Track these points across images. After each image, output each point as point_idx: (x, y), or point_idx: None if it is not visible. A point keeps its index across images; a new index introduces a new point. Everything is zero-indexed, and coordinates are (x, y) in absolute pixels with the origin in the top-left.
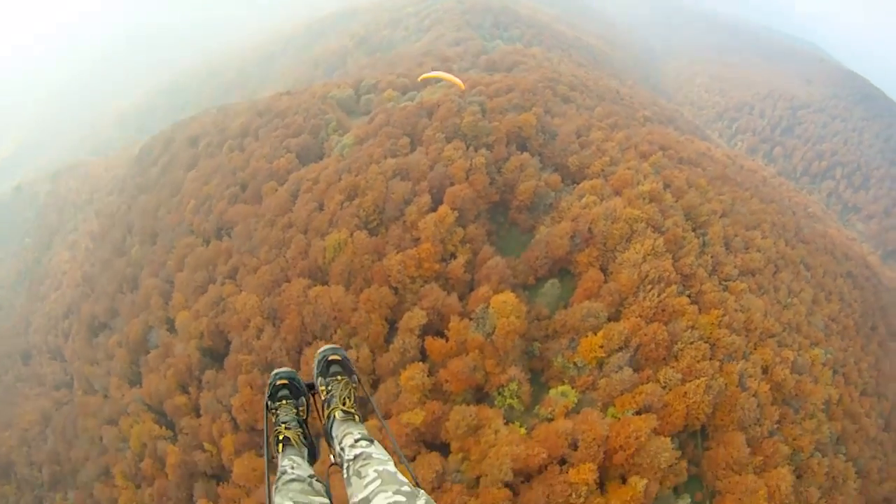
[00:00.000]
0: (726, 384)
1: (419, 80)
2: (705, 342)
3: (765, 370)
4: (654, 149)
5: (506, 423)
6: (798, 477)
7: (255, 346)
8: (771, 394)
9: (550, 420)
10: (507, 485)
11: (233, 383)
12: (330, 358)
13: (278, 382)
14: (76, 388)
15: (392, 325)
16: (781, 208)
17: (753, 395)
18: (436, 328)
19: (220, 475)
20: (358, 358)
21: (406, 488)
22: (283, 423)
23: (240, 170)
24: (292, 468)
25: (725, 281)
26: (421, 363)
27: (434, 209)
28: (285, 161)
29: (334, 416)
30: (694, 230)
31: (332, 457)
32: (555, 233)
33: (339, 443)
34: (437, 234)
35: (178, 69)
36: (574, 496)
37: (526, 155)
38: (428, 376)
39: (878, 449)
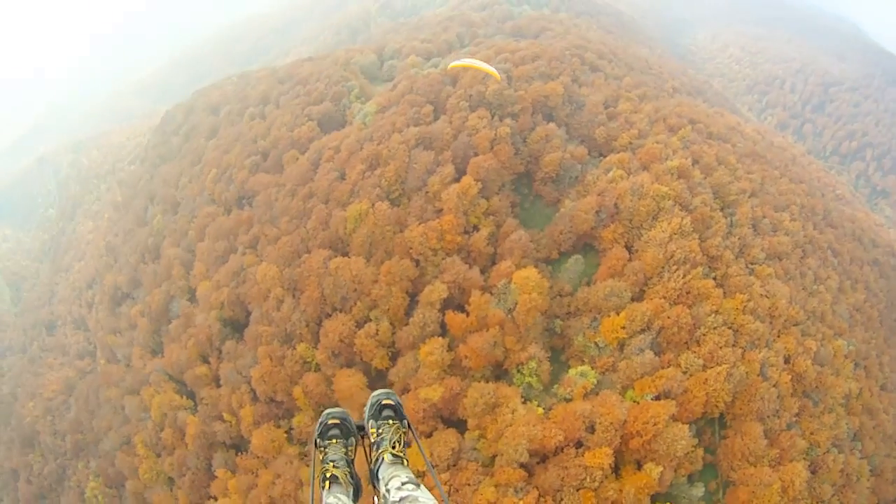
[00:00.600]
0: (747, 372)
1: (449, 68)
2: (729, 328)
3: (787, 360)
4: (683, 122)
5: (524, 402)
6: (812, 472)
7: (274, 317)
8: (792, 385)
9: (568, 401)
10: (522, 465)
11: (252, 354)
12: (383, 402)
13: (330, 421)
14: (99, 357)
15: (413, 299)
16: (811, 189)
17: (774, 386)
18: (456, 302)
19: (238, 445)
20: (378, 331)
21: None
22: (331, 461)
23: (261, 138)
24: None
25: (752, 264)
26: (441, 338)
27: (457, 180)
28: (307, 129)
29: (383, 458)
30: (722, 209)
31: (375, 498)
32: (580, 207)
33: (386, 484)
34: (459, 205)
35: (198, 37)
36: (588, 480)
37: (552, 125)
38: (447, 351)
39: (894, 447)
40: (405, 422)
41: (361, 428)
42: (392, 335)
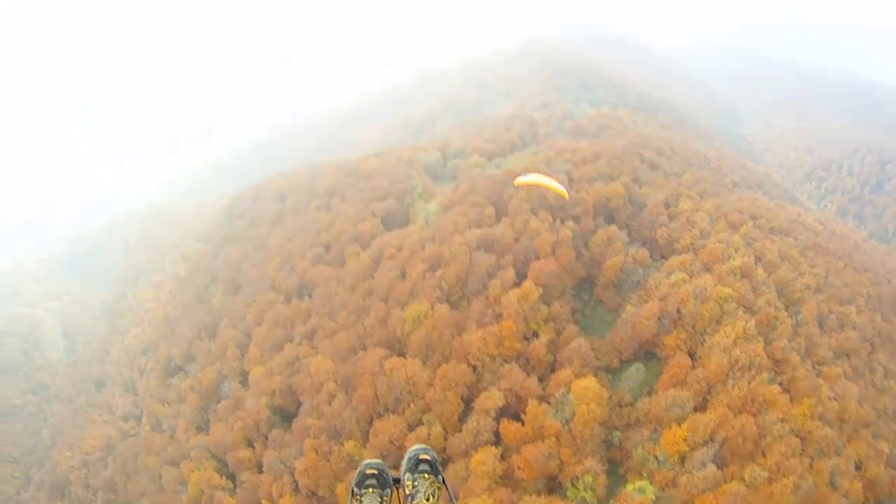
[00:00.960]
0: (816, 483)
1: (515, 184)
2: (796, 436)
3: (858, 466)
4: (744, 218)
5: None
6: None
7: (325, 411)
8: (864, 493)
9: None
10: None
11: (299, 445)
12: (420, 457)
13: (368, 471)
14: (144, 423)
15: (468, 405)
16: (876, 277)
17: (844, 496)
18: (512, 410)
19: None
20: (430, 435)
21: None
22: None
23: (324, 230)
24: None
25: (819, 365)
26: (494, 447)
27: (518, 284)
28: (370, 225)
29: None
30: (787, 308)
31: None
32: (642, 313)
33: None
34: (520, 311)
35: (274, 124)
36: None
37: (613, 227)
38: (500, 461)
39: None
40: (440, 477)
41: (397, 480)
42: (444, 440)
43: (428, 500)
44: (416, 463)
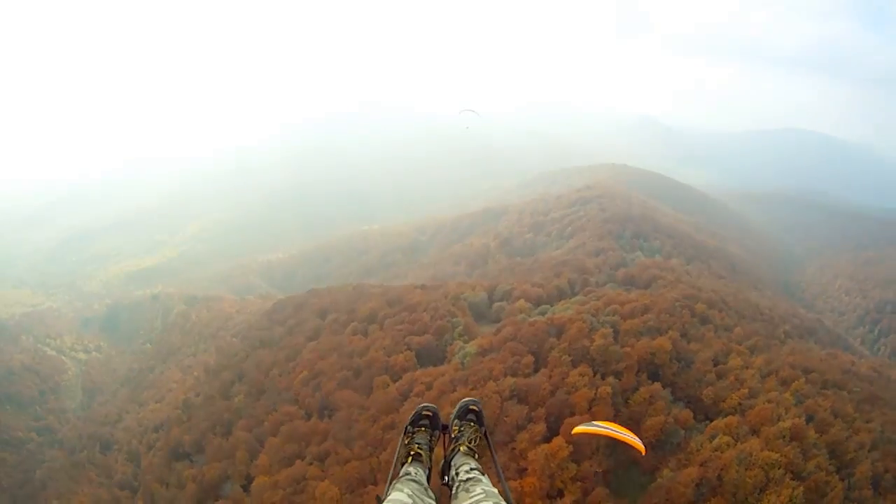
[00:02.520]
0: None
1: (573, 433)
2: None
3: None
4: (796, 373)
5: None
6: None
7: None
8: None
9: None
10: None
11: None
12: (470, 407)
13: (424, 412)
14: (138, 497)
15: None
16: None
17: None
18: None
19: None
20: None
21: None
22: (417, 443)
23: (357, 355)
24: (415, 474)
25: None
26: None
27: (548, 440)
28: (403, 358)
29: (459, 449)
30: (838, 471)
31: (444, 478)
32: (679, 478)
33: (457, 469)
34: (546, 468)
35: (330, 238)
36: None
37: (657, 385)
38: None
39: None
40: (483, 428)
41: (446, 426)
42: None
43: (470, 442)
44: (465, 412)
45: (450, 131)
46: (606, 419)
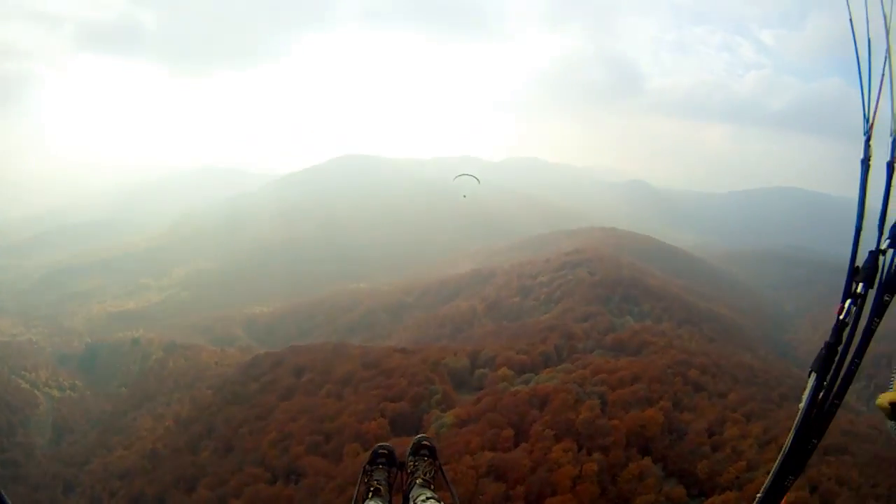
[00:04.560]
0: None
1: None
2: None
3: None
4: None
5: None
6: None
7: None
8: None
9: None
10: None
11: None
12: (423, 443)
13: (380, 451)
14: None
15: None
16: None
17: None
18: None
19: None
20: None
21: None
22: (376, 479)
23: (329, 419)
24: None
25: None
26: None
27: None
28: (376, 425)
29: (415, 482)
30: None
31: None
32: None
33: (414, 500)
34: None
35: (316, 294)
36: None
37: (647, 460)
38: None
39: None
40: (437, 462)
41: (403, 464)
42: None
43: (426, 474)
44: (419, 447)
45: (438, 187)
46: (591, 499)
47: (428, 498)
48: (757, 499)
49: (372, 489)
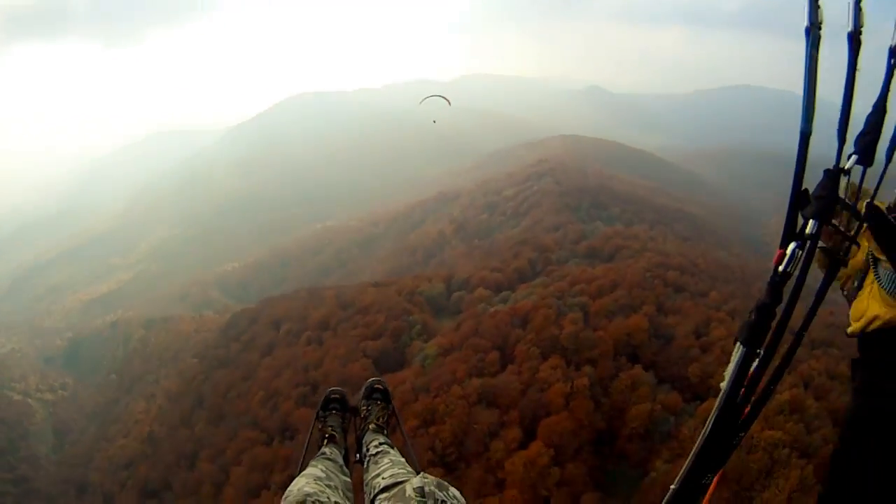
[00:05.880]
0: None
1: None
2: None
3: None
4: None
5: None
6: None
7: None
8: None
9: None
10: None
11: None
12: (375, 386)
13: (332, 396)
14: None
15: None
16: None
17: None
18: None
19: None
20: None
21: (411, 469)
22: (330, 426)
23: (312, 367)
24: (330, 453)
25: None
26: None
27: (525, 445)
28: (359, 367)
29: (368, 428)
30: None
31: (356, 455)
32: (674, 471)
33: (367, 446)
34: (527, 477)
35: (285, 241)
36: None
37: (637, 368)
38: None
39: None
40: (391, 406)
41: (356, 409)
42: None
43: (378, 419)
44: (371, 391)
45: (394, 115)
46: (586, 414)
47: (381, 443)
48: (665, 500)
49: (327, 436)
